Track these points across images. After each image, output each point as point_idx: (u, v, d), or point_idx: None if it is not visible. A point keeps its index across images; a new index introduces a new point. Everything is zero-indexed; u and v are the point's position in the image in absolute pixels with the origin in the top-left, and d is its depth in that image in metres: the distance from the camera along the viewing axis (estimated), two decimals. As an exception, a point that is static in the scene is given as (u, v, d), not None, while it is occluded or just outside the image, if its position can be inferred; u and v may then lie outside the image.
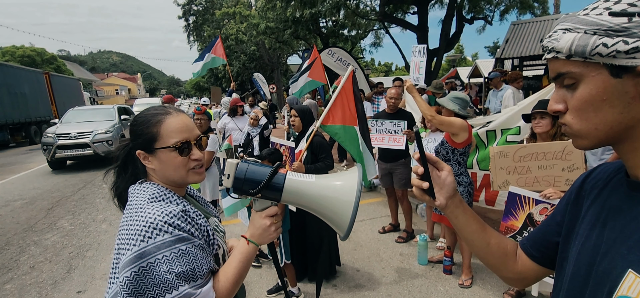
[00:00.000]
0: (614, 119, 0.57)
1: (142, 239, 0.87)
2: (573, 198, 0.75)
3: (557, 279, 0.74)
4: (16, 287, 3.51)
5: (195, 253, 0.92)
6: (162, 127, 1.02)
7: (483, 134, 3.76)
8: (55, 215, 5.63)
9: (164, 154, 1.01)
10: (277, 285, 3.19)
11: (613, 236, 0.60)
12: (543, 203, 2.51)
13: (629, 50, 0.52)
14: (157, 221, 0.89)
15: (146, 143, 1.02)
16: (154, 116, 1.04)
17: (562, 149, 2.49)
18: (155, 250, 0.87)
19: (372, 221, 4.71)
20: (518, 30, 10.75)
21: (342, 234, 0.93)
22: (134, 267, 0.86)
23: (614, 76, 0.55)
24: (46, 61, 34.62)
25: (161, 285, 0.86)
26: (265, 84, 11.74)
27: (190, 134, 1.05)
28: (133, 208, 0.95)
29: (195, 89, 45.87)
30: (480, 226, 0.84)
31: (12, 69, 15.50)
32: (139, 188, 1.01)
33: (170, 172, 1.03)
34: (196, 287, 0.89)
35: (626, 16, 0.53)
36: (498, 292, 3.01)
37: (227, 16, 24.22)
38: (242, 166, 0.96)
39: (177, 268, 0.87)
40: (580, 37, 0.56)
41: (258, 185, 0.94)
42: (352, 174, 0.95)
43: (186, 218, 0.95)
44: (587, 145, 0.62)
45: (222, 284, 0.97)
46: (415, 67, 4.72)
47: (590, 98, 0.58)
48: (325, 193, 0.94)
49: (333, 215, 0.94)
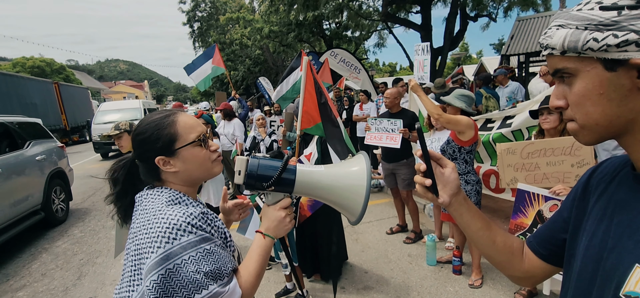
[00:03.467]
0: (612, 112, 0.56)
1: (166, 241, 0.86)
2: (580, 194, 0.73)
3: (565, 276, 0.72)
4: (29, 294, 3.57)
5: (219, 252, 0.92)
6: (178, 126, 1.01)
7: (509, 134, 3.66)
8: (66, 222, 5.71)
9: (187, 152, 1.01)
10: (285, 288, 3.18)
11: (620, 231, 0.59)
12: (552, 199, 2.47)
13: (619, 43, 0.52)
14: (180, 222, 0.89)
15: (166, 146, 0.99)
16: (164, 119, 1.02)
17: (571, 145, 2.45)
18: (181, 251, 0.86)
19: (380, 223, 4.68)
20: (523, 26, 10.64)
21: (355, 219, 0.95)
22: (160, 270, 0.85)
23: (608, 69, 0.55)
24: (55, 71, 35.31)
25: (190, 285, 0.85)
26: (270, 88, 11.78)
27: (202, 128, 1.05)
28: (149, 212, 0.94)
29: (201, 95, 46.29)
30: (486, 224, 0.83)
31: (23, 80, 15.82)
32: (151, 193, 0.99)
33: (196, 168, 1.02)
34: (223, 284, 0.89)
35: (616, 10, 0.53)
36: (509, 292, 2.96)
37: (231, 21, 24.40)
38: (254, 162, 0.97)
39: (205, 267, 0.87)
40: (572, 33, 0.56)
41: (270, 179, 0.95)
42: (359, 160, 0.96)
43: (206, 220, 0.95)
44: (589, 140, 0.61)
45: (245, 279, 0.98)
46: (419, 66, 4.70)
47: (587, 93, 0.57)
48: (336, 181, 0.96)
49: (346, 201, 0.95)
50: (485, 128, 4.00)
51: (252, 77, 26.27)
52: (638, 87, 0.54)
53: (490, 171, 3.92)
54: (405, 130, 3.78)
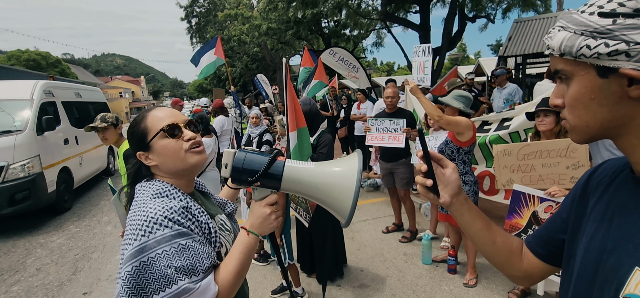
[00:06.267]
0: (603, 117, 0.58)
1: (143, 234, 0.88)
2: (579, 195, 0.74)
3: (564, 277, 0.73)
4: (23, 288, 3.55)
5: (196, 247, 0.92)
6: (147, 120, 1.05)
7: (506, 136, 3.68)
8: (61, 217, 5.67)
9: (157, 144, 1.03)
10: (282, 286, 3.19)
11: (620, 233, 0.60)
12: (548, 201, 2.50)
13: (609, 52, 0.53)
14: (157, 216, 0.90)
15: (140, 142, 1.05)
16: (139, 116, 1.09)
17: (566, 147, 2.48)
18: (155, 245, 0.87)
19: (376, 221, 4.70)
20: (521, 28, 10.68)
21: (344, 220, 0.91)
22: (134, 261, 0.87)
23: (600, 76, 0.56)
24: (51, 64, 34.95)
25: (161, 279, 0.86)
26: (267, 85, 11.75)
27: (176, 118, 1.06)
28: (137, 204, 0.97)
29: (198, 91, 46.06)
30: (486, 224, 0.84)
31: (18, 73, 15.68)
32: (144, 185, 1.02)
33: (170, 160, 1.03)
34: (196, 281, 0.89)
35: (613, 17, 0.54)
36: (503, 291, 2.99)
37: (230, 18, 24.29)
38: (240, 155, 0.95)
39: (177, 262, 0.87)
40: (569, 37, 0.57)
41: (256, 174, 0.93)
42: (351, 160, 0.93)
43: (186, 215, 0.95)
44: (579, 139, 0.63)
45: (223, 277, 0.97)
46: (419, 67, 4.66)
47: (580, 96, 0.59)
48: (325, 180, 0.92)
49: (333, 202, 0.92)
50: (481, 129, 4.02)
51: (249, 75, 26.18)
52: (628, 95, 0.55)
53: (485, 172, 3.95)
54: (408, 129, 3.79)
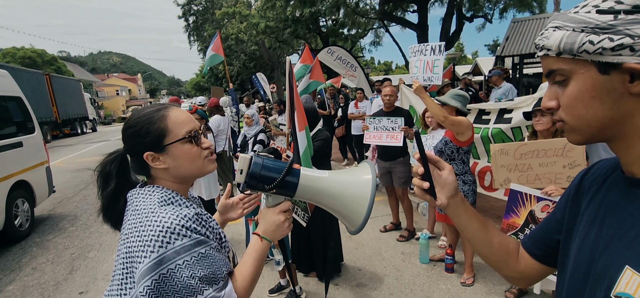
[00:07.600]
0: (604, 115, 0.58)
1: (160, 245, 0.83)
2: (572, 195, 0.75)
3: (559, 277, 0.74)
4: (19, 288, 3.52)
5: (214, 255, 0.89)
6: (169, 121, 0.96)
7: (508, 131, 3.68)
8: (57, 216, 5.64)
9: (177, 148, 0.97)
10: (279, 285, 3.19)
11: (611, 233, 0.60)
12: (545, 200, 2.51)
13: (614, 47, 0.53)
14: (174, 225, 0.86)
15: (155, 141, 0.96)
16: (155, 113, 0.98)
17: (563, 147, 2.49)
18: (174, 256, 0.83)
19: (374, 220, 4.71)
20: (518, 28, 10.72)
21: (354, 229, 0.91)
22: (154, 275, 0.82)
23: (602, 72, 0.56)
24: (47, 62, 34.68)
25: (184, 290, 0.83)
26: (266, 84, 11.73)
27: (194, 124, 1.01)
28: (141, 213, 0.90)
29: (195, 89, 45.88)
30: (482, 225, 0.84)
31: (12, 70, 15.47)
32: (143, 192, 0.96)
33: (187, 165, 0.99)
34: (219, 289, 0.87)
35: (613, 13, 0.53)
36: (500, 290, 3.00)
37: (227, 16, 24.21)
38: (258, 161, 0.93)
39: (199, 272, 0.85)
40: (568, 34, 0.57)
41: (273, 181, 0.92)
42: (365, 169, 0.93)
43: (201, 221, 0.92)
44: (579, 140, 0.63)
45: (240, 283, 0.95)
46: (426, 66, 4.50)
47: (579, 95, 0.59)
48: (339, 189, 0.92)
49: (347, 211, 0.92)
50: (480, 120, 4.00)
51: (247, 73, 26.13)
52: (630, 92, 0.55)
53: (487, 168, 3.95)
54: (406, 128, 3.80)
